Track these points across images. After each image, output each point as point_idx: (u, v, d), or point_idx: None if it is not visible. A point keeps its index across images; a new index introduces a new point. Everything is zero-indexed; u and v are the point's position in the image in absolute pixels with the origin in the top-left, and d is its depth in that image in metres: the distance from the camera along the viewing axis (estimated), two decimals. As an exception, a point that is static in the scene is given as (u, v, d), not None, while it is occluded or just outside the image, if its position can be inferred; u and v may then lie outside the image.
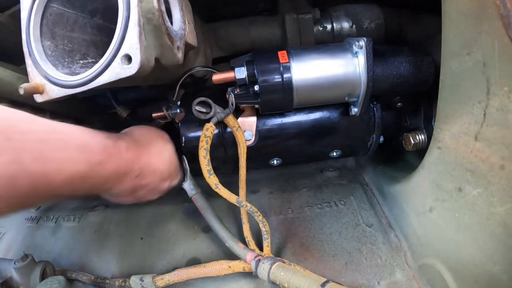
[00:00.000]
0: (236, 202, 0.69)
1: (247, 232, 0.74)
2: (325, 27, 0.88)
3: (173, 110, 0.74)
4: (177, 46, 0.56)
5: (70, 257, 0.84)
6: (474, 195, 0.50)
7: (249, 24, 0.87)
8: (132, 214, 0.94)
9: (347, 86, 0.63)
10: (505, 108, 0.42)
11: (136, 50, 0.47)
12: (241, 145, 0.71)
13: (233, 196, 0.69)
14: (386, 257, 0.71)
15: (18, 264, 0.70)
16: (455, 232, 0.56)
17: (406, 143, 0.75)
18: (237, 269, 0.68)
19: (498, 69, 0.42)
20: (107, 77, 0.49)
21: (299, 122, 0.74)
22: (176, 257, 0.79)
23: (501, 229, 0.45)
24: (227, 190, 0.69)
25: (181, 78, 0.74)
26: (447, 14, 0.51)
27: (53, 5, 0.54)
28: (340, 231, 0.78)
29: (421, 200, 0.65)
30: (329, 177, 0.97)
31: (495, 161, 0.45)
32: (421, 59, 0.67)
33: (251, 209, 0.70)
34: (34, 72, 0.53)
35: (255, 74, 0.62)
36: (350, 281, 0.67)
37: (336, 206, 0.85)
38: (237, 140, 0.71)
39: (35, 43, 0.53)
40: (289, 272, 0.60)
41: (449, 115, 0.55)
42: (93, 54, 0.60)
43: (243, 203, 0.69)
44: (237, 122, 0.70)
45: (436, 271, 0.60)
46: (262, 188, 0.95)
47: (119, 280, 0.72)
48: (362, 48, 0.61)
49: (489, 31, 0.42)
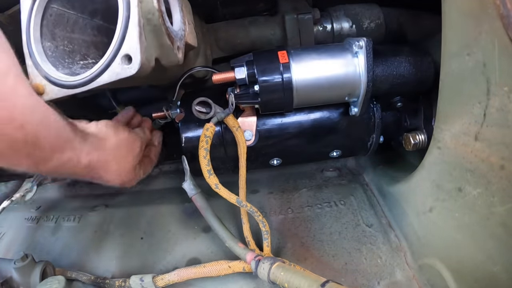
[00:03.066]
0: (236, 202, 0.69)
1: (247, 232, 0.74)
2: (325, 27, 0.88)
3: (173, 110, 0.74)
4: (177, 46, 0.56)
5: (70, 257, 0.85)
6: (474, 195, 0.50)
7: (249, 25, 0.87)
8: (132, 214, 0.94)
9: (347, 86, 0.63)
10: (505, 108, 0.42)
11: (136, 51, 0.47)
12: (241, 145, 0.71)
13: (233, 196, 0.69)
14: (386, 257, 0.71)
15: (18, 264, 0.70)
16: (455, 232, 0.56)
17: (406, 143, 0.75)
18: (237, 269, 0.68)
19: (498, 69, 0.42)
20: (107, 77, 0.49)
21: (299, 122, 0.74)
22: (176, 257, 0.79)
23: (501, 229, 0.46)
24: (227, 190, 0.69)
25: (181, 78, 0.74)
26: (447, 14, 0.51)
27: (53, 6, 0.54)
28: (340, 231, 0.78)
29: (421, 200, 0.65)
30: (329, 177, 0.97)
31: (495, 161, 0.45)
32: (421, 59, 0.67)
33: (251, 209, 0.70)
34: (35, 72, 0.54)
35: (255, 74, 0.62)
36: (350, 281, 0.67)
37: (336, 206, 0.85)
38: (237, 140, 0.71)
39: (36, 44, 0.53)
40: (289, 272, 0.60)
41: (449, 115, 0.55)
42: (93, 55, 0.60)
43: (243, 203, 0.69)
44: (237, 122, 0.70)
45: (436, 271, 0.60)
46: (262, 188, 0.95)
47: (119, 280, 0.72)
48: (362, 48, 0.61)
49: (489, 31, 0.42)
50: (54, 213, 1.01)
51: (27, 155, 0.43)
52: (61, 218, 0.98)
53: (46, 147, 0.44)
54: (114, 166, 0.57)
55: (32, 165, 0.45)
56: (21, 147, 0.41)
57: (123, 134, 0.60)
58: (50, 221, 0.98)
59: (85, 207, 1.00)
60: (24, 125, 0.40)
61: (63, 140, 0.47)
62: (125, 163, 0.60)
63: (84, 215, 0.97)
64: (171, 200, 0.96)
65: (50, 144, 0.44)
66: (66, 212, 1.00)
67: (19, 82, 0.40)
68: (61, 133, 0.46)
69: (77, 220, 0.96)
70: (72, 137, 0.48)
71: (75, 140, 0.49)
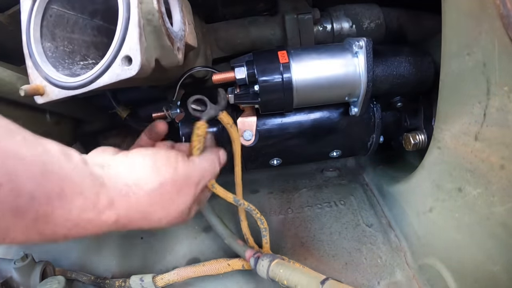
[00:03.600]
0: (233, 200, 0.68)
1: (245, 229, 0.73)
2: (325, 27, 0.88)
3: (173, 110, 0.74)
4: (177, 47, 0.56)
5: (70, 257, 0.85)
6: (474, 195, 0.50)
7: (249, 25, 0.87)
8: (132, 214, 0.94)
9: (347, 86, 0.63)
10: (505, 108, 0.42)
11: (136, 52, 0.47)
12: (236, 141, 0.70)
13: (230, 194, 0.68)
14: (386, 257, 0.71)
15: (18, 264, 0.70)
16: (455, 232, 0.56)
17: (406, 143, 0.75)
18: (236, 267, 0.68)
19: (498, 69, 0.42)
20: (107, 79, 0.49)
21: (299, 122, 0.74)
22: (176, 257, 0.79)
23: (501, 229, 0.46)
24: (223, 188, 0.68)
25: (181, 79, 0.74)
26: (447, 14, 0.51)
27: (53, 6, 0.54)
28: (340, 231, 0.78)
29: (421, 200, 0.65)
30: (329, 177, 0.97)
31: (495, 161, 0.45)
32: (421, 59, 0.67)
33: (248, 207, 0.69)
34: (35, 73, 0.53)
35: (255, 74, 0.62)
36: (350, 281, 0.67)
37: (336, 206, 0.85)
38: (231, 137, 0.70)
39: (36, 44, 0.53)
40: (289, 269, 0.60)
41: (449, 115, 0.55)
42: (94, 55, 0.60)
43: (240, 202, 0.69)
44: (231, 119, 0.69)
45: (436, 271, 0.60)
46: (262, 188, 0.95)
47: (119, 280, 0.72)
48: (362, 48, 0.61)
49: (489, 31, 0.42)
50: (54, 213, 1.01)
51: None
52: (61, 218, 0.98)
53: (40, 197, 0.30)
54: (159, 214, 0.42)
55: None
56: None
57: (160, 158, 0.43)
58: (50, 221, 0.98)
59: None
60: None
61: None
62: (177, 205, 0.44)
63: (84, 215, 0.97)
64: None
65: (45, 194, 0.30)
66: (66, 212, 1.00)
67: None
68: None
69: (77, 220, 0.96)
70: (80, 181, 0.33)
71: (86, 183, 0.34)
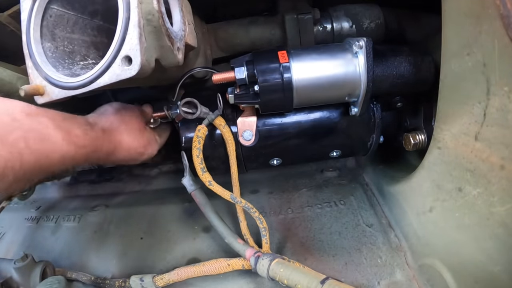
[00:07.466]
0: (230, 198, 0.68)
1: (245, 229, 0.74)
2: (325, 27, 0.88)
3: (173, 110, 0.74)
4: (177, 47, 0.56)
5: (70, 257, 0.85)
6: (474, 195, 0.50)
7: (249, 24, 0.87)
8: (132, 214, 0.94)
9: (347, 86, 0.63)
10: (505, 108, 0.42)
11: (136, 52, 0.47)
12: (229, 142, 0.71)
13: (227, 192, 0.68)
14: (386, 257, 0.71)
15: (18, 264, 0.70)
16: (455, 232, 0.56)
17: (406, 143, 0.75)
18: (236, 267, 0.68)
19: (498, 69, 0.42)
20: (107, 79, 0.49)
21: (299, 122, 0.74)
22: (176, 257, 0.79)
23: (501, 229, 0.46)
24: (220, 186, 0.69)
25: (181, 79, 0.74)
26: (447, 14, 0.51)
27: (53, 6, 0.54)
28: (340, 231, 0.78)
29: (421, 200, 0.65)
30: (329, 177, 0.97)
31: (495, 161, 0.45)
32: (421, 59, 0.67)
33: (246, 205, 0.69)
34: (35, 73, 0.53)
35: (255, 74, 0.62)
36: (350, 281, 0.67)
37: (336, 206, 0.85)
38: (225, 138, 0.71)
39: (36, 44, 0.53)
40: (289, 268, 0.60)
41: (449, 115, 0.55)
42: (94, 55, 0.60)
43: (237, 199, 0.69)
44: (223, 120, 0.70)
45: (436, 271, 0.60)
46: (262, 188, 0.95)
47: (119, 280, 0.72)
48: (362, 48, 0.61)
49: (489, 31, 0.42)
50: (54, 213, 1.01)
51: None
52: (61, 218, 0.98)
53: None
54: (123, 126, 0.65)
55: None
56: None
57: (115, 104, 0.71)
58: (50, 221, 0.98)
59: (85, 207, 1.00)
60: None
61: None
62: (132, 123, 0.68)
63: (84, 215, 0.97)
64: (171, 200, 0.96)
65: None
66: (66, 212, 1.00)
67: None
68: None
69: (77, 220, 0.96)
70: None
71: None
